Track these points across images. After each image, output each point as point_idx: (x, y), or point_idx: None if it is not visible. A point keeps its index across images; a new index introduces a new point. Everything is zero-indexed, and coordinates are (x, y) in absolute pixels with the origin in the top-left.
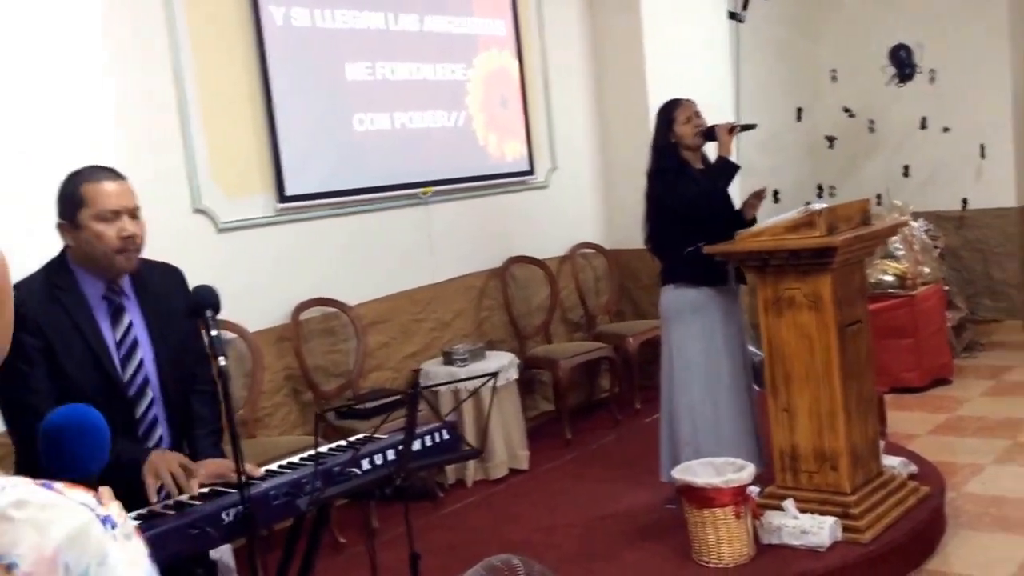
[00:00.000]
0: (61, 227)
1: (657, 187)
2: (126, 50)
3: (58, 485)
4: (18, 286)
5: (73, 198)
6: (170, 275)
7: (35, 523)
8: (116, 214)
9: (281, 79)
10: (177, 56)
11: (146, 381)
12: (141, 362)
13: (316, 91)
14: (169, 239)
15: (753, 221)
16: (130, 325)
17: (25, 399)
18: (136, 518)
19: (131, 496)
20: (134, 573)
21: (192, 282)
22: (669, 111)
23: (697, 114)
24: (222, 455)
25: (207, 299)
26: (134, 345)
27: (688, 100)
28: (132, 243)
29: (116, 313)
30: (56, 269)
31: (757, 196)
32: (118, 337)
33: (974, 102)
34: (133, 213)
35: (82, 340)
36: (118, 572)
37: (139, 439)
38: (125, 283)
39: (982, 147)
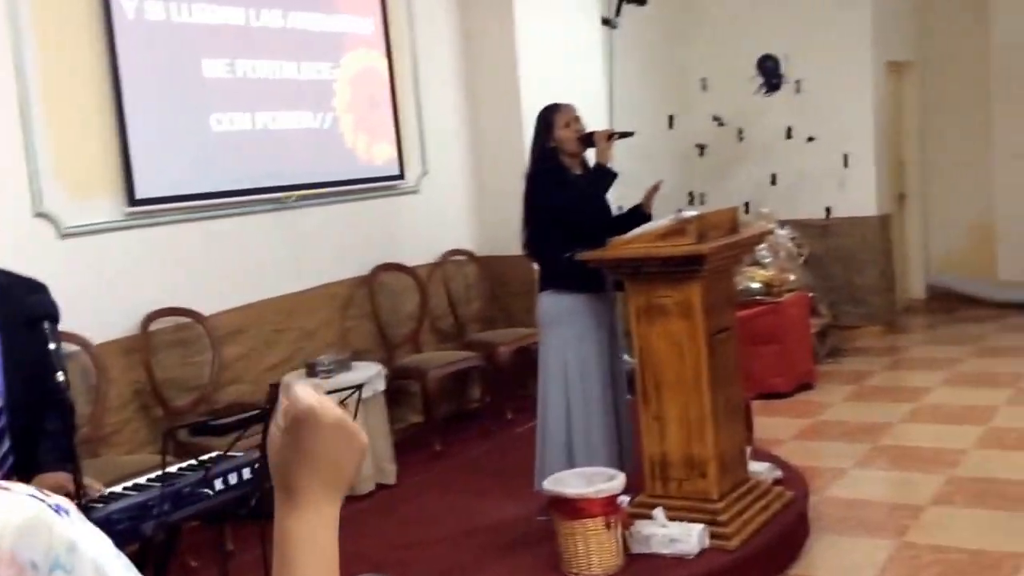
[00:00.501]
0: None
1: (535, 191)
2: None
3: (1, 481)
4: None
5: None
6: (33, 290)
7: None
8: None
9: (132, 75)
10: (19, 49)
11: None
12: None
13: (171, 89)
14: (5, 245)
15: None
16: None
17: None
18: None
19: None
20: (105, 551)
21: None
22: (549, 115)
23: (577, 119)
24: (66, 470)
25: (44, 309)
26: None
27: (568, 104)
28: None
29: None
30: None
31: (654, 189)
32: None
33: (838, 112)
34: None
35: None
36: (91, 554)
37: None
38: None
39: (845, 156)
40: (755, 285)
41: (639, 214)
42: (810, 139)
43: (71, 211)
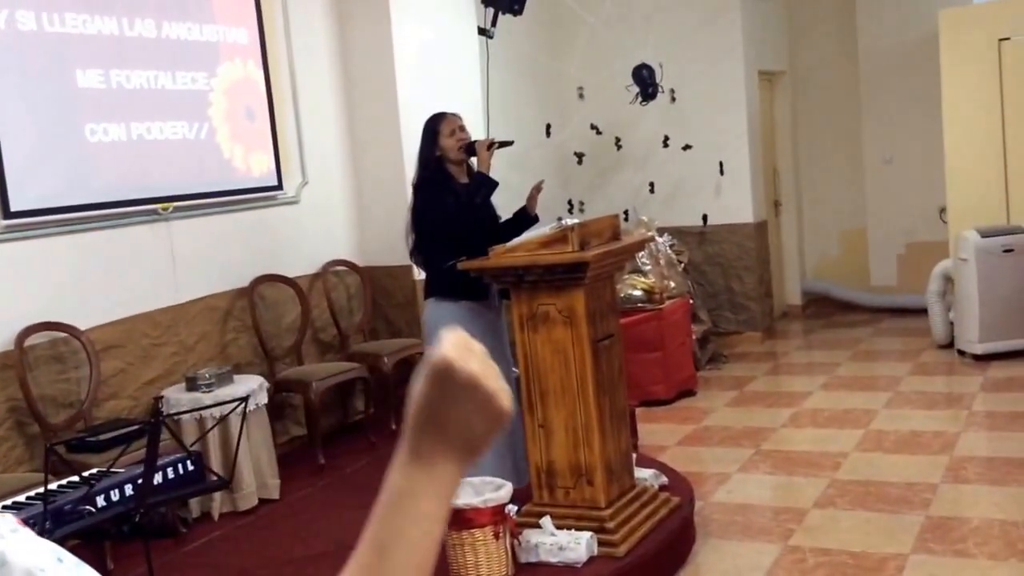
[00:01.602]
0: None
1: (419, 199)
2: None
3: None
4: None
5: None
6: None
7: None
8: None
9: (4, 86)
10: None
11: None
12: None
13: (44, 99)
14: None
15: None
16: None
17: None
18: None
19: None
20: (44, 558)
21: None
22: (434, 124)
23: (462, 127)
24: None
25: None
26: None
27: (454, 113)
28: None
29: None
30: None
31: (536, 190)
32: None
33: (712, 121)
34: None
35: None
36: (25, 564)
37: None
38: None
39: (720, 164)
40: (636, 292)
41: (525, 216)
42: (686, 147)
43: None
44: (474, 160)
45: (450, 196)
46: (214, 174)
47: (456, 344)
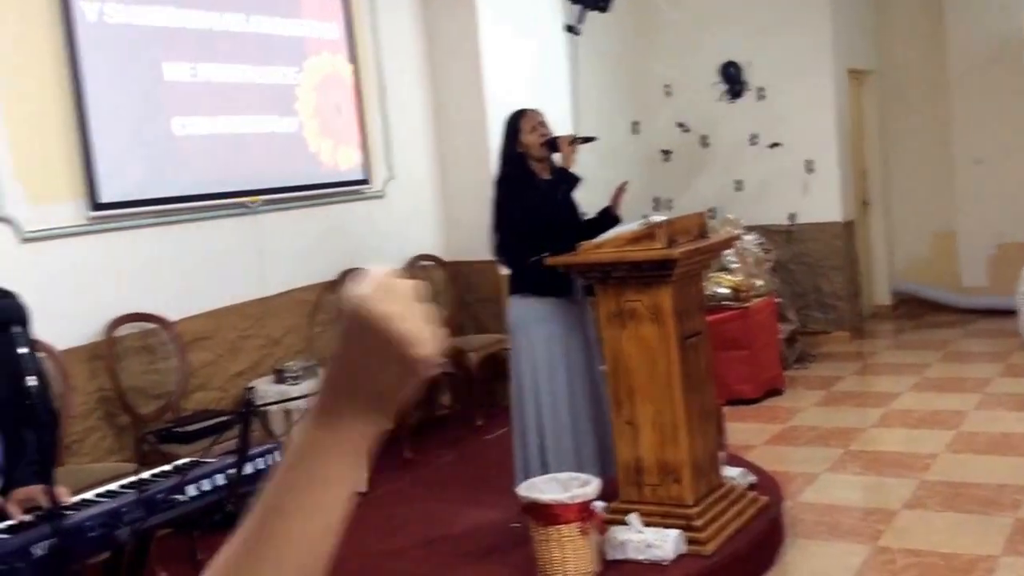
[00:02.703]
0: None
1: (502, 196)
2: None
3: None
4: None
5: None
6: (3, 293)
7: None
8: None
9: (94, 78)
10: None
11: None
12: None
13: (132, 92)
14: None
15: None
16: None
17: None
18: None
19: None
20: None
21: None
22: (515, 120)
23: (543, 123)
24: (40, 482)
25: (12, 314)
26: None
27: (534, 109)
28: None
29: None
30: None
31: (620, 190)
32: None
33: (800, 118)
34: None
35: None
36: None
37: None
38: None
39: (808, 163)
40: (723, 290)
41: (608, 216)
42: (773, 145)
43: (33, 215)
44: (557, 156)
45: (532, 192)
46: (301, 168)
47: (375, 283)
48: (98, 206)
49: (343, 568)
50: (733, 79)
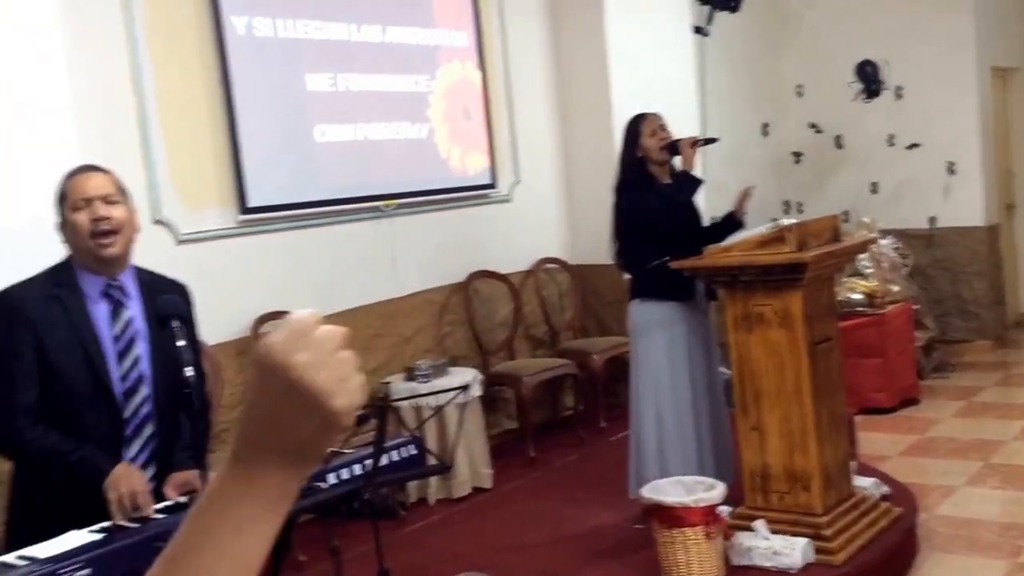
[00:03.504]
0: (57, 227)
1: (622, 201)
2: (84, 59)
3: None
4: (20, 285)
5: (59, 196)
6: (175, 287)
7: None
8: (88, 201)
9: (242, 89)
10: (136, 65)
11: (140, 378)
12: (138, 358)
13: (277, 101)
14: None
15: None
16: (130, 321)
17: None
18: (99, 531)
19: (91, 507)
20: None
21: None
22: (635, 125)
23: (663, 127)
24: (196, 467)
25: (172, 308)
26: (132, 340)
27: (654, 113)
28: (106, 224)
29: (116, 308)
30: (59, 269)
31: (744, 195)
32: (117, 331)
33: (941, 119)
34: (108, 199)
35: (75, 337)
36: None
37: (126, 439)
38: (128, 281)
39: (950, 164)
40: (856, 296)
41: (732, 221)
42: (912, 146)
43: (187, 219)
44: (677, 160)
45: (653, 197)
46: (432, 173)
47: (288, 330)
48: (246, 210)
49: (470, 562)
50: (869, 78)
